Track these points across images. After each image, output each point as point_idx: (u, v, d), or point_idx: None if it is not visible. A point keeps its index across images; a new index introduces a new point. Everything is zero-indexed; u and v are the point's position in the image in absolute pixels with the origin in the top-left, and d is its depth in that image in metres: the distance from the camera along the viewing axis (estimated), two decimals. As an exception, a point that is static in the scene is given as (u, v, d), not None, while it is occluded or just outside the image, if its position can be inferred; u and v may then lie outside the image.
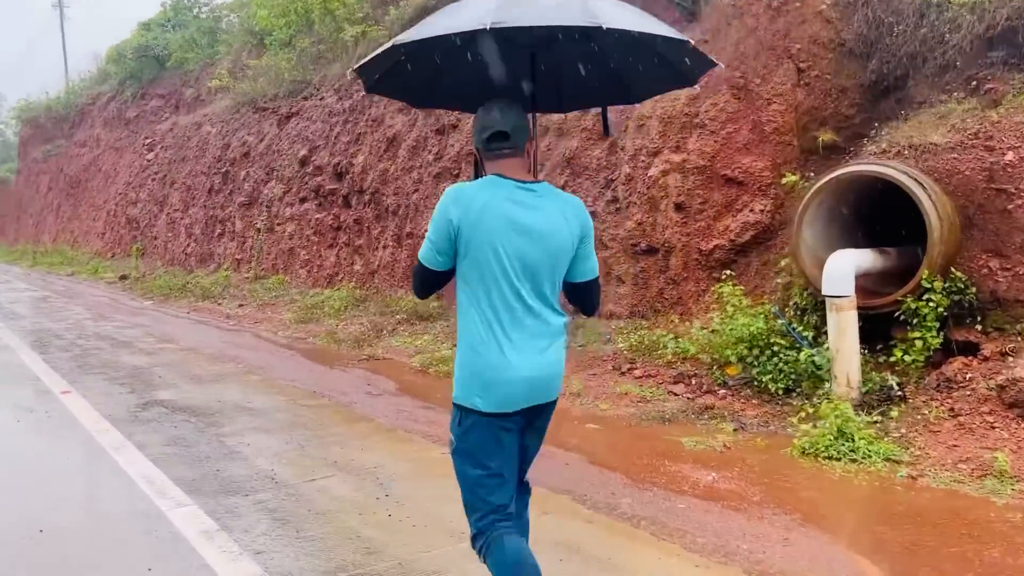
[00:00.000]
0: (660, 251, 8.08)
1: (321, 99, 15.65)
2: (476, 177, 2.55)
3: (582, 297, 2.64)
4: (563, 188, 9.10)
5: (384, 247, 12.47)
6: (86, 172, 31.02)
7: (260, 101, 18.77)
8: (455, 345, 2.56)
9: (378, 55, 2.71)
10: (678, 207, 7.93)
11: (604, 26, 2.30)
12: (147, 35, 28.29)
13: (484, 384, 2.42)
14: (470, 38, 2.50)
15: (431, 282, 2.52)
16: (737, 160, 7.62)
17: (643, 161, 8.30)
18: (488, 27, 2.24)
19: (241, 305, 13.93)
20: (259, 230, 16.33)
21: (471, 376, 2.45)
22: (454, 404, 2.51)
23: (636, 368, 7.00)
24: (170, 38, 27.12)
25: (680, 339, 7.09)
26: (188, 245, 20.67)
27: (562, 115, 9.34)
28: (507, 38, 2.58)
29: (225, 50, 24.94)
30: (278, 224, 15.57)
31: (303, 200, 14.87)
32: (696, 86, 3.13)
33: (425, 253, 2.46)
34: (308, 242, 14.42)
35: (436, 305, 10.30)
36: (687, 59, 2.82)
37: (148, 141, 25.80)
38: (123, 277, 20.62)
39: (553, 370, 2.51)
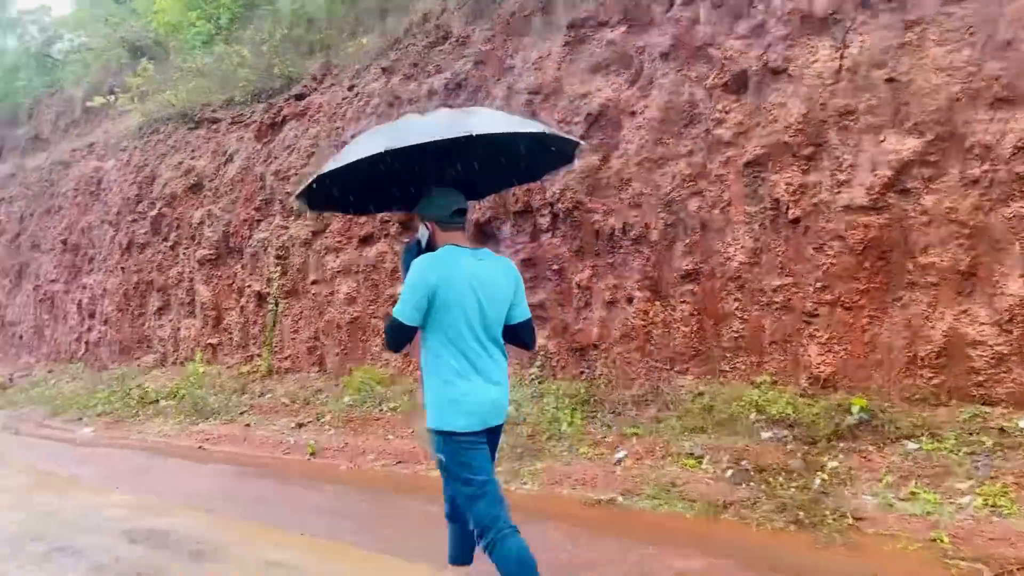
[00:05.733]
0: None
1: (351, 88, 10.14)
2: (425, 240, 3.14)
3: (522, 334, 3.25)
4: (930, 182, 4.65)
5: (624, 299, 7.28)
6: None
7: (202, 112, 12.79)
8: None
9: (308, 186, 3.11)
10: None
11: (474, 133, 2.85)
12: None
13: (460, 409, 2.96)
14: (391, 156, 2.85)
15: (406, 337, 3.01)
16: None
17: None
18: (384, 151, 2.80)
19: (321, 421, 8.03)
20: (264, 297, 10.32)
21: (448, 403, 2.97)
22: (434, 431, 3.01)
23: None
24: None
25: None
26: (91, 330, 13.87)
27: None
28: (422, 150, 2.93)
29: (79, 73, 18.58)
30: (312, 283, 9.73)
31: (364, 241, 9.22)
32: (574, 163, 4.39)
33: (405, 311, 2.96)
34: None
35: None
36: (558, 143, 3.36)
37: (-26, 198, 18.41)
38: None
39: (505, 397, 3.13)
